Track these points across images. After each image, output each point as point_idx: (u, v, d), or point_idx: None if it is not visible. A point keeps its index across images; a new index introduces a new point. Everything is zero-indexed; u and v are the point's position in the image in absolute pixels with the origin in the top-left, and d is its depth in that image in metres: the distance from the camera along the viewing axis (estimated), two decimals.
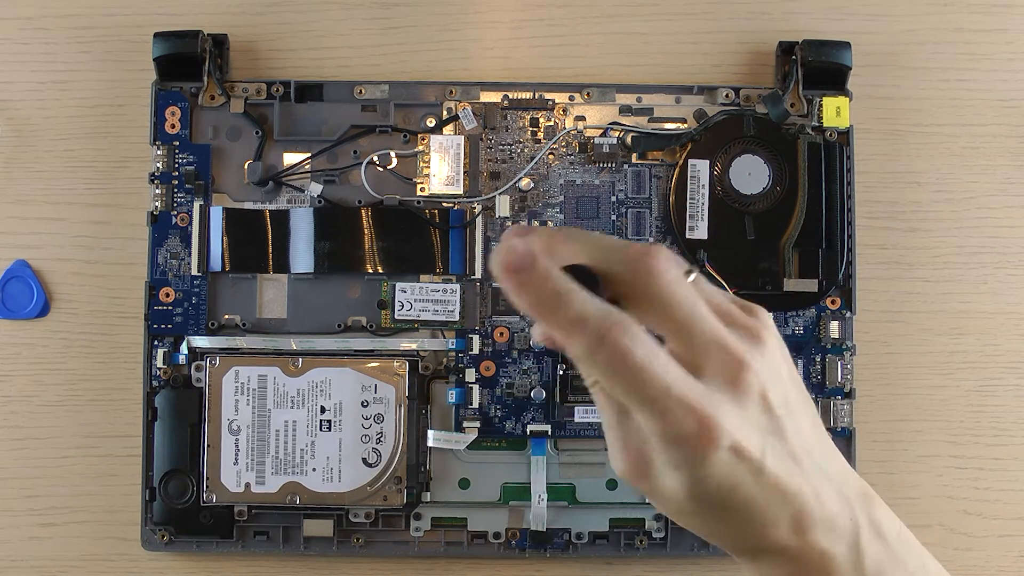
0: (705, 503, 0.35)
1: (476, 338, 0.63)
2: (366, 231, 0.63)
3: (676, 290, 0.34)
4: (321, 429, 0.61)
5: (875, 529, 0.36)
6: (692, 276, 0.36)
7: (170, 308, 0.63)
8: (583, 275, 0.35)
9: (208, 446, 0.61)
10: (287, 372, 0.61)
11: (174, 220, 0.63)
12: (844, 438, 0.63)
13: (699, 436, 0.33)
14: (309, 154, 0.64)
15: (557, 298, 0.33)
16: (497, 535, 0.63)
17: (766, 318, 0.37)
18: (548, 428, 0.62)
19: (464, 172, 0.64)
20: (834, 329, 0.63)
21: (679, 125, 0.65)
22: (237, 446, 0.61)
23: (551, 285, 0.34)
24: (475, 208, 0.64)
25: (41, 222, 0.65)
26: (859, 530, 0.35)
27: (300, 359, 0.61)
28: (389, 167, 0.64)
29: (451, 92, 0.64)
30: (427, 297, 0.63)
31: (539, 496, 0.62)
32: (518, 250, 0.34)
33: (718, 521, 0.35)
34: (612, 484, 0.63)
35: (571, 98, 0.65)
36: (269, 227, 0.63)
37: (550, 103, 0.65)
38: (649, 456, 0.35)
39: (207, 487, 0.61)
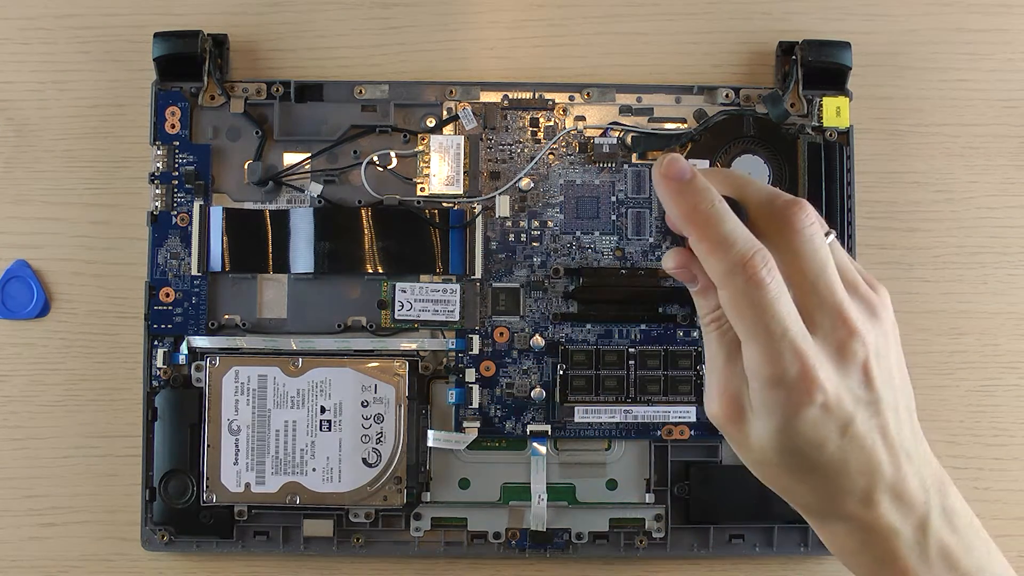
0: (789, 456, 0.36)
1: (476, 338, 0.63)
2: (366, 231, 0.63)
3: (812, 247, 0.35)
4: (321, 429, 0.61)
5: (946, 515, 0.36)
6: (830, 238, 0.37)
7: (170, 308, 0.63)
8: (732, 206, 0.36)
9: (208, 446, 0.61)
10: (287, 372, 0.61)
11: (174, 220, 0.63)
12: None
13: (799, 386, 0.34)
14: (309, 154, 0.64)
15: (711, 213, 0.35)
16: (497, 535, 0.63)
17: (886, 298, 0.38)
18: (548, 428, 0.62)
19: (464, 172, 0.64)
20: None
21: (679, 125, 0.65)
22: (237, 446, 0.61)
23: (708, 199, 0.35)
24: (475, 208, 0.64)
25: (41, 222, 0.65)
26: (930, 513, 0.36)
27: (300, 359, 0.61)
28: (389, 167, 0.64)
29: (451, 92, 0.64)
30: (427, 297, 0.63)
31: (539, 496, 0.62)
32: (681, 162, 0.36)
33: (797, 479, 0.36)
34: (612, 484, 0.63)
35: (571, 98, 0.65)
36: (269, 227, 0.63)
37: (550, 103, 0.65)
38: (744, 402, 0.36)
39: (207, 487, 0.61)
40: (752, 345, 0.35)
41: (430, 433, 0.62)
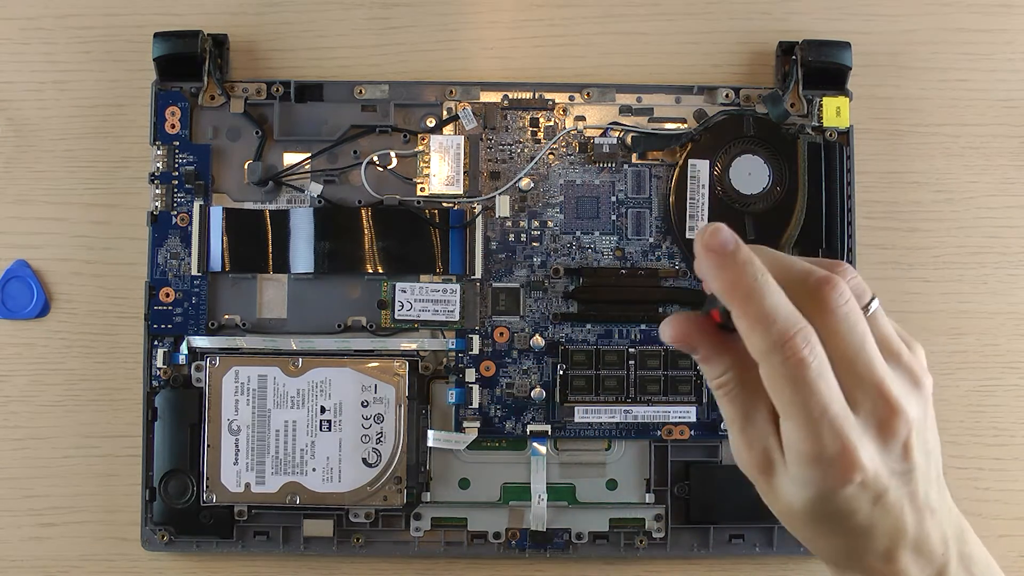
0: (818, 520, 0.36)
1: (476, 338, 0.63)
2: (366, 231, 0.63)
3: (848, 325, 0.35)
4: (321, 429, 0.61)
5: (964, 564, 0.37)
6: (872, 308, 0.36)
7: (170, 308, 0.63)
8: None
9: (208, 446, 0.61)
10: (287, 372, 0.61)
11: (174, 220, 0.63)
12: None
13: (838, 466, 0.34)
14: (309, 154, 0.64)
15: (754, 287, 0.34)
16: (497, 535, 0.63)
17: (924, 359, 0.37)
18: (548, 428, 0.62)
19: (464, 172, 0.64)
20: None
21: (679, 125, 0.65)
22: (237, 446, 0.61)
23: (751, 272, 0.34)
24: (475, 208, 0.64)
25: (41, 222, 0.65)
26: (948, 563, 0.36)
27: (300, 359, 0.61)
28: (389, 167, 0.64)
29: (451, 92, 0.64)
30: (427, 297, 0.63)
31: (539, 496, 0.62)
32: (724, 232, 0.35)
33: (822, 536, 0.37)
34: (612, 484, 0.63)
35: (571, 98, 0.65)
36: (269, 227, 0.63)
37: (550, 103, 0.65)
38: (773, 456, 0.36)
39: (207, 487, 0.61)
40: (790, 421, 0.34)
41: (430, 433, 0.62)
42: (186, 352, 0.62)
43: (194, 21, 0.65)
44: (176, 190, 0.63)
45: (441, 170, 0.64)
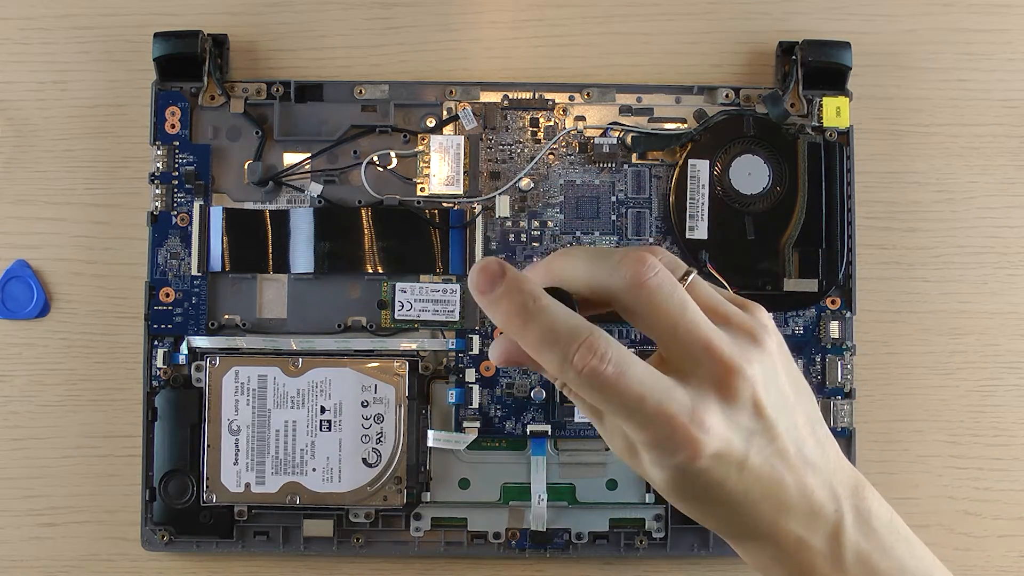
0: (689, 496, 0.35)
1: (476, 338, 0.63)
2: (366, 231, 0.63)
3: (663, 295, 0.34)
4: (321, 429, 0.61)
5: (862, 519, 0.36)
6: (690, 278, 0.36)
7: (170, 308, 0.63)
8: (558, 296, 0.35)
9: (208, 446, 0.61)
10: (287, 372, 0.61)
11: (174, 220, 0.63)
12: (844, 438, 0.63)
13: (680, 446, 0.33)
14: (309, 154, 0.64)
15: (526, 315, 0.34)
16: (497, 535, 0.63)
17: (764, 317, 0.37)
18: (548, 428, 0.62)
19: (464, 172, 0.64)
20: (834, 329, 0.63)
21: (679, 125, 0.65)
22: (237, 446, 0.61)
23: (520, 301, 0.34)
24: (475, 208, 0.64)
25: (41, 222, 0.65)
26: (842, 520, 0.36)
27: (300, 359, 0.61)
28: (389, 167, 0.64)
29: (451, 92, 0.64)
30: (427, 297, 0.63)
31: (539, 496, 0.62)
32: (490, 267, 0.35)
33: (702, 510, 0.36)
34: (612, 484, 0.63)
35: (571, 98, 0.65)
36: (269, 227, 0.63)
37: (550, 103, 0.65)
38: (635, 445, 0.35)
39: (207, 487, 0.61)
40: (618, 419, 0.34)
41: (430, 433, 0.62)
42: (186, 352, 0.62)
43: (194, 21, 0.65)
44: (176, 190, 0.63)
45: (441, 170, 0.64)
